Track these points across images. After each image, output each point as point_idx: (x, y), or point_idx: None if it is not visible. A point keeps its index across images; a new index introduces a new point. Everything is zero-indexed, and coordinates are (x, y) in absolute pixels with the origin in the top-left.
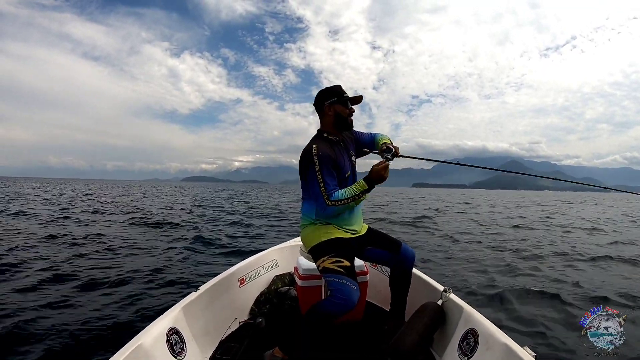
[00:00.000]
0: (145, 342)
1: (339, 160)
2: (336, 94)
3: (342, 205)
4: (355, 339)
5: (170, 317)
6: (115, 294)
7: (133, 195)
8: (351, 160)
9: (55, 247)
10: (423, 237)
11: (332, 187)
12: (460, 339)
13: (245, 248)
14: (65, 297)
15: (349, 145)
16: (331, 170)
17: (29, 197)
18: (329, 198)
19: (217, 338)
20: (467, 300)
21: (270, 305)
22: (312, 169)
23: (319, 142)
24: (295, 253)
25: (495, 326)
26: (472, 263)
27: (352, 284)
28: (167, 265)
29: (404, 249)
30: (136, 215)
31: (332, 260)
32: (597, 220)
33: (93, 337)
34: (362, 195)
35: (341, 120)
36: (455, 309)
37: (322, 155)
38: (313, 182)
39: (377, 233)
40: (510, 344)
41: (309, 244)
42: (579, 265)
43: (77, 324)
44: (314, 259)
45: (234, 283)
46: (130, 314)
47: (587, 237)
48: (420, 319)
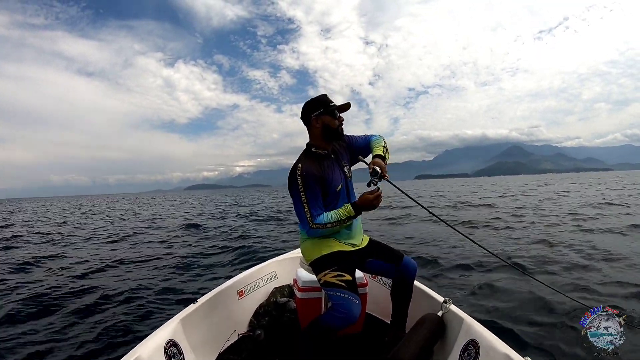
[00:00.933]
0: (143, 354)
1: (327, 176)
2: (322, 105)
3: (325, 229)
4: (355, 351)
5: (168, 329)
6: (114, 305)
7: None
8: (343, 171)
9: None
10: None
11: (316, 209)
12: (461, 351)
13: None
14: (63, 309)
15: (340, 156)
16: (316, 190)
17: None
18: (313, 221)
19: (215, 350)
20: (469, 311)
21: (270, 318)
22: (296, 190)
23: (304, 161)
24: (294, 265)
25: (496, 337)
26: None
27: (354, 298)
28: (167, 276)
29: (406, 261)
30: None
31: (333, 275)
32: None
33: (91, 349)
34: (348, 220)
35: (330, 131)
36: (456, 320)
37: (305, 176)
38: (298, 205)
39: (379, 245)
40: (511, 355)
41: (310, 258)
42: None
43: (76, 336)
44: (315, 273)
45: (233, 295)
46: (128, 326)
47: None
48: (420, 330)
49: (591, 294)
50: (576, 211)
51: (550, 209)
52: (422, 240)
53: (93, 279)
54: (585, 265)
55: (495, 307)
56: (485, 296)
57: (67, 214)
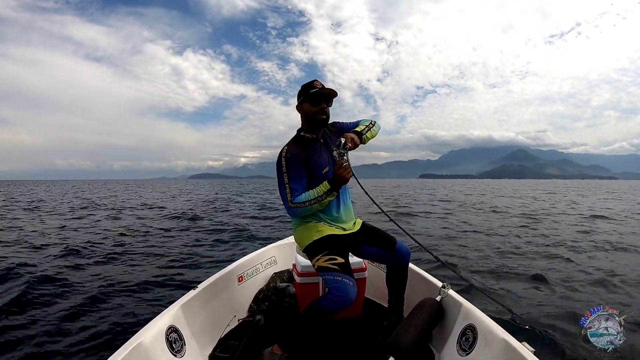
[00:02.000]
0: (145, 340)
1: (313, 158)
2: (303, 92)
3: (305, 208)
4: (354, 335)
5: (169, 315)
6: (114, 291)
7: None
8: (332, 155)
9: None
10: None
11: (296, 189)
12: (459, 335)
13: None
14: (64, 295)
15: (330, 141)
16: (299, 171)
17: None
18: (292, 200)
19: (216, 336)
20: (467, 296)
21: (269, 303)
22: (280, 172)
23: (291, 144)
24: (293, 250)
25: (494, 322)
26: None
27: (349, 280)
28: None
29: (399, 246)
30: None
31: (325, 259)
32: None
33: (92, 336)
34: (326, 196)
35: (309, 119)
36: (454, 305)
37: (289, 157)
38: (281, 185)
39: (372, 229)
40: (509, 340)
41: (303, 244)
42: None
43: (76, 323)
44: (309, 258)
45: (233, 281)
46: (129, 313)
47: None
48: (418, 315)
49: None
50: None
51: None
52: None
53: (93, 267)
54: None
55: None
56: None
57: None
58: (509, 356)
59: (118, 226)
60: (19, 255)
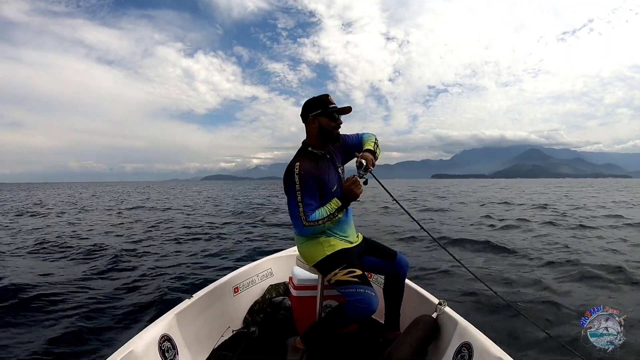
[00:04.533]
0: (137, 348)
1: (323, 176)
2: (321, 105)
3: (318, 226)
4: (349, 351)
5: (163, 323)
6: (108, 297)
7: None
8: (338, 172)
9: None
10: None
11: (310, 208)
12: (455, 353)
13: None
14: (57, 300)
15: (335, 157)
16: (313, 189)
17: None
18: (306, 219)
19: (209, 346)
20: (464, 313)
21: (264, 315)
22: (292, 189)
23: (302, 160)
24: (290, 263)
25: (490, 340)
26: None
27: (370, 291)
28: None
29: (399, 258)
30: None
31: (344, 272)
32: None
33: (84, 342)
34: (338, 213)
35: (325, 133)
36: (450, 322)
37: (303, 175)
38: (293, 202)
39: (373, 242)
40: (505, 358)
41: (313, 259)
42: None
43: (69, 328)
44: (322, 274)
45: (228, 291)
46: (121, 319)
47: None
48: (414, 331)
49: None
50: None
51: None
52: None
53: (88, 270)
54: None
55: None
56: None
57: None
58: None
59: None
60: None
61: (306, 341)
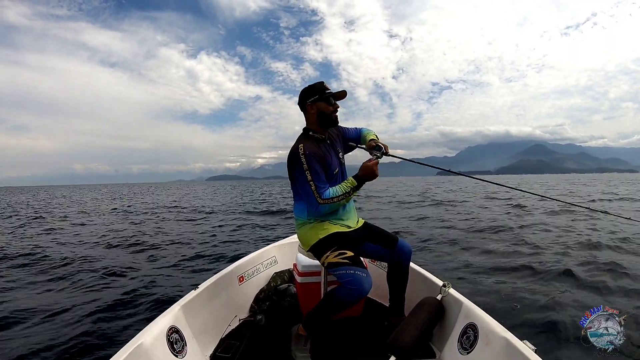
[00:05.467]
0: (146, 341)
1: (327, 158)
2: (318, 92)
3: (333, 203)
4: (355, 335)
5: (170, 315)
6: (115, 292)
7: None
8: (339, 157)
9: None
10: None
11: (322, 185)
12: (460, 334)
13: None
14: (65, 296)
15: (335, 142)
16: (319, 169)
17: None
18: (321, 197)
19: (217, 336)
20: (469, 294)
21: (270, 303)
22: (300, 170)
23: (305, 142)
24: (294, 250)
25: (495, 320)
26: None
27: (361, 272)
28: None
29: (401, 245)
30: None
31: (335, 254)
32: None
33: (94, 337)
34: (353, 192)
35: (325, 117)
36: (455, 304)
37: (309, 155)
38: (303, 182)
39: (374, 228)
40: (510, 338)
41: (308, 243)
42: None
43: (78, 324)
44: (317, 257)
45: (233, 281)
46: (130, 313)
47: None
48: (419, 314)
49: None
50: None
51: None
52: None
53: (94, 266)
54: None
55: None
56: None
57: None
58: (510, 354)
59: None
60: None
61: (307, 327)
